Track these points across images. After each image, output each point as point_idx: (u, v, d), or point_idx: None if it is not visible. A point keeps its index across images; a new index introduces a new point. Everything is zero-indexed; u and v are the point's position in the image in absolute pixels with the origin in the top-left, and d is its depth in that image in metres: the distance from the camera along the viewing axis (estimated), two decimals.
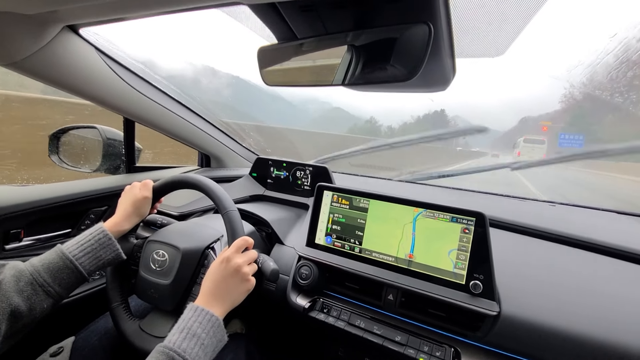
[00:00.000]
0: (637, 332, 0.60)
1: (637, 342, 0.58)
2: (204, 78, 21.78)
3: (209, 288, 0.67)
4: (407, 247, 0.79)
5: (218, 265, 0.70)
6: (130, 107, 1.10)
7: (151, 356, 0.57)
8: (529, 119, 18.19)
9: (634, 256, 0.78)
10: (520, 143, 16.35)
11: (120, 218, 0.82)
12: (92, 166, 1.33)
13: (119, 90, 1.03)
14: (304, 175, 1.24)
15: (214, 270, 0.69)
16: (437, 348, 0.72)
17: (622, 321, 0.62)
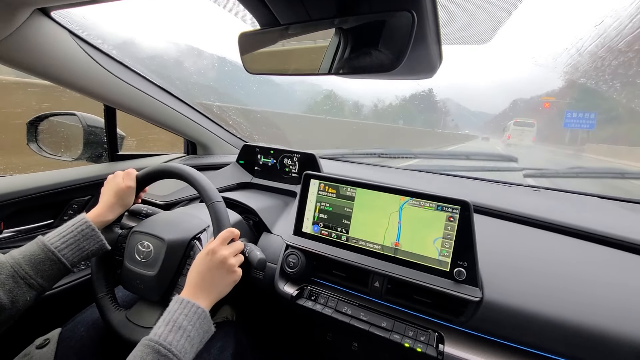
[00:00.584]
0: (614, 316, 0.62)
1: (614, 325, 0.61)
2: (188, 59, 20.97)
3: (194, 280, 0.67)
4: (393, 236, 0.79)
5: (204, 257, 0.69)
6: (110, 93, 1.06)
7: (136, 350, 0.56)
8: (520, 101, 18.17)
9: (613, 241, 0.80)
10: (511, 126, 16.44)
11: (104, 208, 0.80)
12: (73, 154, 1.29)
13: (97, 76, 0.99)
14: (291, 163, 1.23)
15: (200, 262, 0.69)
16: (422, 333, 0.74)
17: (600, 305, 0.64)
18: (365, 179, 0.85)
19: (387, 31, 0.45)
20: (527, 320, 0.65)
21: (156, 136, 1.53)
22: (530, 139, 16.80)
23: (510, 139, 15.84)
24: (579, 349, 0.62)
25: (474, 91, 74.11)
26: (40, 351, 0.81)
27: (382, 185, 0.81)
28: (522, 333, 0.66)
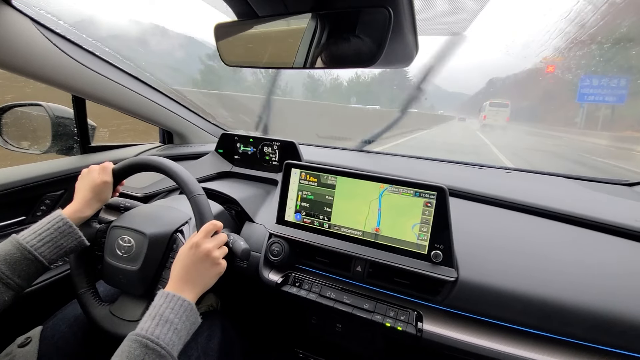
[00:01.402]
0: (577, 289, 0.67)
1: (577, 297, 0.66)
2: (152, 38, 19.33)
3: (179, 274, 0.67)
4: (373, 222, 0.82)
5: (187, 251, 0.69)
6: (78, 83, 1.01)
7: (123, 345, 0.56)
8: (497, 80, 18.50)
9: (577, 220, 0.85)
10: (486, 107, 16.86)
11: (80, 204, 0.78)
12: (41, 147, 1.23)
13: (63, 66, 0.94)
14: (271, 151, 1.22)
15: (183, 256, 0.69)
16: (402, 313, 0.78)
17: (565, 280, 0.69)
18: (346, 166, 0.87)
19: (364, 26, 0.45)
20: (499, 296, 0.70)
21: (129, 126, 1.48)
22: (504, 119, 17.27)
23: (485, 119, 16.27)
24: (546, 320, 0.67)
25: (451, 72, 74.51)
26: (23, 350, 0.80)
27: (362, 173, 0.83)
28: (494, 308, 0.71)
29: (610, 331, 0.64)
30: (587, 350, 0.65)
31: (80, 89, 1.04)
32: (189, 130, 1.45)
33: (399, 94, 11.51)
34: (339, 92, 10.58)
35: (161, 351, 0.55)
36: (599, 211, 0.86)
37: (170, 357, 0.56)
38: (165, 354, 0.56)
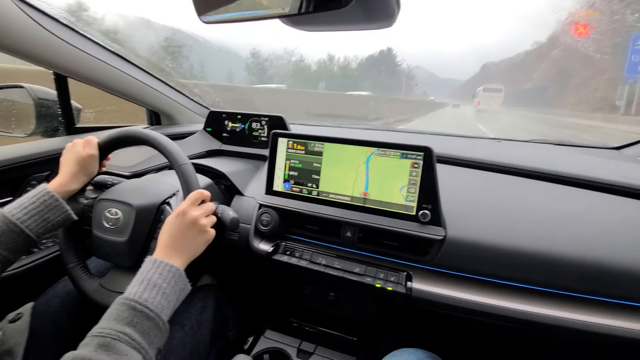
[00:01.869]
0: (560, 241, 0.68)
1: (568, 250, 0.67)
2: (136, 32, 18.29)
3: (166, 242, 0.66)
4: (361, 187, 0.82)
5: (174, 219, 0.68)
6: (58, 59, 0.99)
7: (111, 308, 0.56)
8: (491, 65, 18.36)
9: (566, 179, 0.86)
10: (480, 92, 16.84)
11: (66, 178, 0.77)
12: (25, 130, 1.21)
13: (42, 41, 0.92)
14: (260, 127, 1.21)
15: (170, 224, 0.68)
16: (392, 274, 0.78)
17: (555, 234, 0.70)
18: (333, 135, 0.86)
19: None
20: (487, 252, 0.71)
21: (115, 107, 1.46)
22: (498, 104, 17.35)
23: (480, 104, 16.31)
24: (534, 273, 0.68)
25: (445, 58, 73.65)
26: (13, 325, 0.79)
27: (348, 139, 0.83)
28: (483, 265, 0.72)
29: (597, 280, 0.65)
30: (572, 300, 0.66)
31: (61, 66, 1.02)
32: (176, 110, 1.43)
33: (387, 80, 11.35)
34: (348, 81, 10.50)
35: (150, 313, 0.55)
36: (587, 170, 0.86)
37: (159, 320, 0.56)
38: (154, 316, 0.55)
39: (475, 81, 25.40)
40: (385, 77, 21.01)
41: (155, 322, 0.55)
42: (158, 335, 0.56)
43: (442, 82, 47.58)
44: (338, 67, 19.16)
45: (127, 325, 0.52)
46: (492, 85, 14.91)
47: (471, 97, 15.45)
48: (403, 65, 25.65)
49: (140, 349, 0.52)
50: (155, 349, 0.55)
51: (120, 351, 0.49)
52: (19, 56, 0.92)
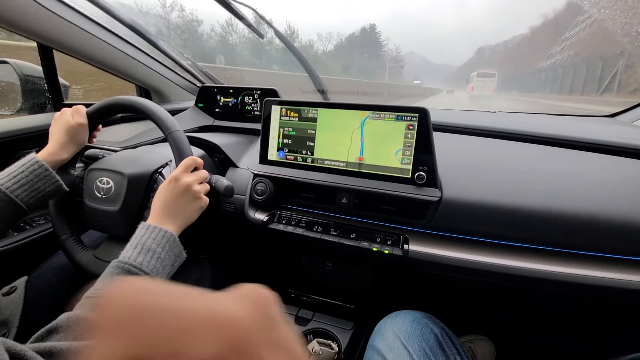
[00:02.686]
0: (564, 198, 0.68)
1: (563, 205, 0.67)
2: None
3: (159, 208, 0.65)
4: (356, 152, 0.81)
5: (167, 185, 0.67)
6: (42, 28, 0.95)
7: (105, 271, 0.55)
8: (486, 49, 18.23)
9: (560, 141, 0.86)
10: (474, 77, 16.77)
11: (55, 147, 0.75)
12: (12, 107, 1.18)
13: (24, 8, 0.89)
14: (252, 100, 1.20)
15: (163, 191, 0.67)
16: (388, 238, 0.78)
17: (551, 190, 0.70)
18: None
19: None
20: (483, 211, 0.71)
21: (104, 84, 1.43)
22: (492, 90, 17.39)
23: (473, 90, 16.33)
24: (530, 230, 0.68)
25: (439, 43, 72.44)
26: (8, 298, 0.79)
27: (343, 103, 0.81)
28: (479, 224, 0.72)
29: (593, 235, 0.65)
30: (568, 255, 0.67)
31: (45, 35, 0.98)
32: (167, 87, 1.40)
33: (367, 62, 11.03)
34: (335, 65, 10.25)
35: (145, 277, 0.54)
36: (582, 133, 0.86)
37: None
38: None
39: (470, 66, 25.23)
40: (365, 59, 20.22)
41: None
42: None
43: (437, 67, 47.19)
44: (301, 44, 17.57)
45: None
46: (485, 70, 14.87)
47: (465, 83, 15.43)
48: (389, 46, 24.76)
49: None
50: None
51: None
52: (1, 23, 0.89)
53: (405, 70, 31.50)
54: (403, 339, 0.64)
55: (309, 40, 19.23)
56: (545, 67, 17.32)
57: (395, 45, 39.78)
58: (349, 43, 23.70)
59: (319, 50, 22.33)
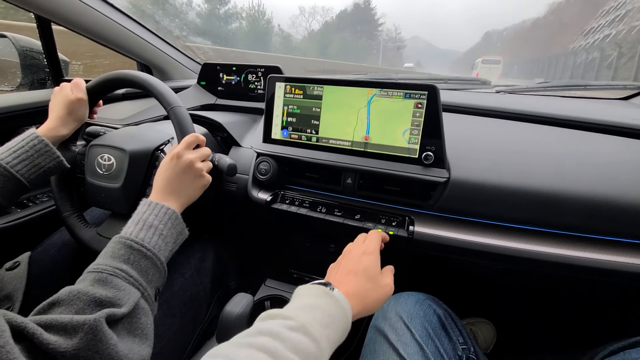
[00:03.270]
0: (569, 179, 0.67)
1: (563, 187, 0.66)
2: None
3: (161, 184, 0.64)
4: (362, 131, 0.79)
5: (169, 161, 0.65)
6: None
7: (107, 247, 0.54)
8: (493, 33, 17.72)
9: (572, 122, 0.83)
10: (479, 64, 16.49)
11: (55, 122, 0.74)
12: (12, 83, 1.17)
13: None
14: (256, 78, 1.17)
15: (165, 168, 0.65)
16: (393, 219, 0.77)
17: (561, 172, 0.68)
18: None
19: None
20: (491, 193, 0.69)
21: (105, 60, 1.40)
22: (497, 76, 17.25)
23: (478, 76, 16.16)
24: (538, 212, 0.67)
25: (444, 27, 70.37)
26: (11, 273, 0.79)
27: (349, 79, 0.79)
28: (486, 206, 0.70)
29: (604, 218, 0.64)
30: (576, 239, 0.65)
31: (43, 6, 0.95)
32: (169, 64, 1.37)
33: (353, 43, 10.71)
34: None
35: (147, 252, 0.53)
36: (594, 115, 0.83)
37: (156, 259, 0.54)
38: (151, 255, 0.54)
39: (476, 51, 24.41)
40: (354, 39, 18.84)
41: (152, 262, 0.54)
42: (156, 275, 0.55)
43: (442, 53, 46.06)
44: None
45: (123, 262, 0.51)
46: (490, 56, 14.64)
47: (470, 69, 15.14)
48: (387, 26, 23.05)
49: (139, 286, 0.50)
50: (154, 288, 0.54)
51: (118, 286, 0.48)
52: None
53: (404, 53, 29.74)
54: (406, 320, 0.64)
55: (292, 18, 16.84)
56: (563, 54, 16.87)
57: (394, 26, 36.24)
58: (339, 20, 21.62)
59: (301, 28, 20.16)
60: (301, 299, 0.47)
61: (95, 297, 0.44)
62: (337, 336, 0.44)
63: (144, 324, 0.48)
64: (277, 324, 0.40)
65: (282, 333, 0.38)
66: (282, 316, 0.42)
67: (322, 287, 0.48)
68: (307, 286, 0.50)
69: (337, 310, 0.46)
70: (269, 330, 0.39)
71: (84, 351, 0.38)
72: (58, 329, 0.39)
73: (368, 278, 0.54)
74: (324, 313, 0.44)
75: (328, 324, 0.43)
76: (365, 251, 0.58)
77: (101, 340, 0.40)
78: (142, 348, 0.46)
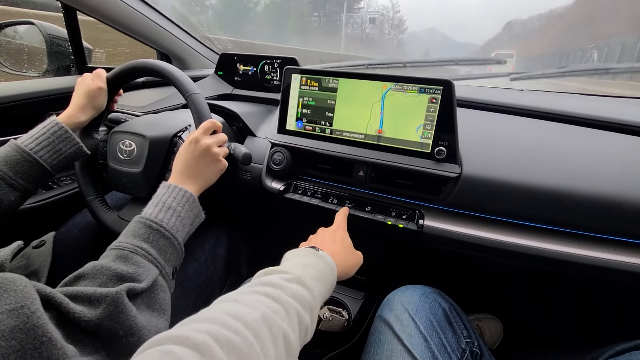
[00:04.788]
0: (582, 178, 0.66)
1: (578, 186, 0.65)
2: None
3: (180, 168, 0.67)
4: (376, 125, 0.79)
5: (187, 146, 0.68)
6: None
7: (128, 226, 0.57)
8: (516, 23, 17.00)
9: (585, 121, 0.82)
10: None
11: (74, 110, 0.77)
12: (38, 69, 1.21)
13: None
14: (272, 69, 1.18)
15: (184, 152, 0.68)
16: (403, 213, 0.78)
17: (574, 170, 0.68)
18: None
19: None
20: (502, 189, 0.69)
21: (126, 48, 1.44)
22: (510, 69, 16.78)
23: (492, 70, 15.76)
24: (548, 209, 0.67)
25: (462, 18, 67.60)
26: (38, 250, 0.83)
27: (364, 73, 0.79)
28: (497, 202, 0.71)
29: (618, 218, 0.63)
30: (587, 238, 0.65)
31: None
32: (188, 54, 1.39)
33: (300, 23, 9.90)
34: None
35: (165, 232, 0.56)
36: (609, 113, 0.82)
37: (174, 239, 0.57)
38: (169, 235, 0.57)
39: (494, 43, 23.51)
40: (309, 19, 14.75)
41: (170, 242, 0.57)
42: (174, 254, 0.58)
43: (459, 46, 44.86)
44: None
45: (143, 241, 0.54)
46: (503, 51, 14.41)
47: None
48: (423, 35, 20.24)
49: (157, 264, 0.53)
50: (171, 266, 0.57)
51: (138, 262, 0.51)
52: None
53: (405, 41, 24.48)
54: (411, 312, 0.65)
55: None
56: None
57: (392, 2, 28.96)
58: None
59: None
60: (292, 259, 0.54)
61: (117, 272, 0.47)
62: (326, 290, 0.52)
63: (161, 299, 0.51)
64: (275, 277, 0.45)
65: (280, 283, 0.44)
66: (279, 271, 0.47)
67: (311, 249, 0.56)
68: (296, 250, 0.58)
69: (326, 267, 0.53)
70: (269, 281, 0.44)
71: (106, 321, 0.41)
72: (83, 300, 0.42)
73: (344, 246, 0.66)
74: (315, 269, 0.51)
75: (319, 278, 0.50)
76: (339, 227, 0.71)
77: (122, 312, 0.43)
78: (160, 322, 0.49)
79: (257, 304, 0.39)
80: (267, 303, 0.39)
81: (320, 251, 0.57)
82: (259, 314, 0.37)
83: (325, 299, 0.53)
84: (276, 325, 0.37)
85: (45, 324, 0.35)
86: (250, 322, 0.35)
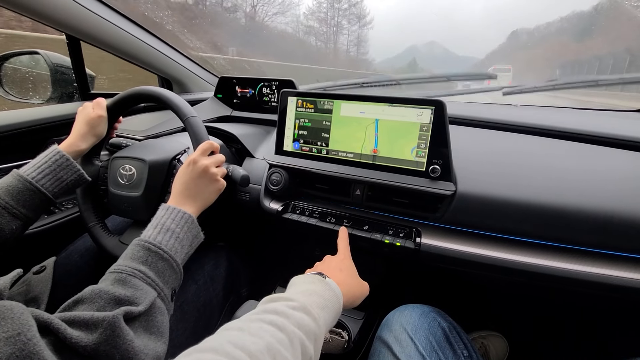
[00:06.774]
0: (573, 194, 0.67)
1: (572, 201, 0.66)
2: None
3: (179, 190, 0.68)
4: (371, 145, 0.81)
5: (185, 168, 0.70)
6: (70, 21, 0.99)
7: (127, 249, 0.58)
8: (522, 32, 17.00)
9: (582, 136, 0.83)
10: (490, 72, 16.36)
11: (75, 138, 0.79)
12: (42, 96, 1.24)
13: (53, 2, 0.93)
14: (270, 91, 1.21)
15: (182, 173, 0.69)
16: (401, 231, 0.79)
17: (569, 187, 0.69)
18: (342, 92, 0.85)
19: None
20: (497, 206, 0.70)
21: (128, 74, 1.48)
22: (507, 83, 17.05)
23: (490, 84, 16.03)
24: (544, 226, 0.67)
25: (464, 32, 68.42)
26: (38, 276, 0.84)
27: (358, 95, 0.81)
28: (493, 219, 0.71)
29: (612, 233, 0.63)
30: (583, 253, 0.65)
31: (73, 26, 1.02)
32: (188, 78, 1.43)
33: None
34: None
35: (164, 255, 0.57)
36: (604, 128, 0.83)
37: (173, 261, 0.58)
38: (168, 257, 0.57)
39: (496, 55, 23.77)
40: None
41: (169, 264, 0.57)
42: (172, 276, 0.58)
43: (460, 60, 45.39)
44: None
45: (141, 264, 0.55)
46: (501, 65, 14.70)
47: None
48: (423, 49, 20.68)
49: (155, 286, 0.54)
50: (170, 288, 0.57)
51: (136, 286, 0.51)
52: (30, 14, 0.93)
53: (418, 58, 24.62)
54: (410, 332, 0.65)
55: None
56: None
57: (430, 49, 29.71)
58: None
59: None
60: (298, 286, 0.54)
61: (115, 295, 0.48)
62: (332, 318, 0.51)
63: (159, 322, 0.52)
64: (280, 304, 0.45)
65: (286, 311, 0.44)
66: (284, 298, 0.47)
67: (317, 276, 0.56)
68: (303, 276, 0.58)
69: (331, 295, 0.53)
70: (274, 309, 0.44)
71: (103, 346, 0.42)
72: (80, 325, 0.42)
73: (350, 275, 0.66)
74: (320, 297, 0.51)
75: (324, 306, 0.50)
76: (345, 256, 0.71)
77: (119, 336, 0.43)
78: (158, 345, 0.49)
79: (262, 333, 0.39)
80: (271, 332, 0.40)
81: (327, 278, 0.57)
82: (264, 344, 0.37)
83: (330, 328, 0.52)
84: (280, 355, 0.38)
85: (41, 350, 0.36)
86: (254, 352, 0.36)
